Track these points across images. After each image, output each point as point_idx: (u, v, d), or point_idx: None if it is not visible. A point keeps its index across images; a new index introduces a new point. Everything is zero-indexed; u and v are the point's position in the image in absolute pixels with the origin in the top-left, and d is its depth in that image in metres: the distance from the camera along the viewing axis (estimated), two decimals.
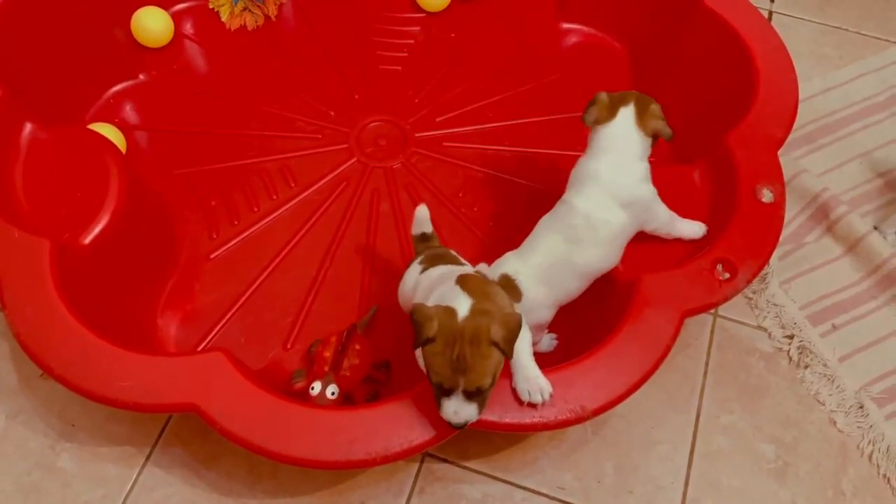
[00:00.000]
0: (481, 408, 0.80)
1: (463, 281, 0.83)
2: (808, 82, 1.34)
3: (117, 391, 0.84)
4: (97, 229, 0.98)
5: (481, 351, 0.77)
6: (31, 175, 1.03)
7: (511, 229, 1.18)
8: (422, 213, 1.01)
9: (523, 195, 1.25)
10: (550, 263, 0.97)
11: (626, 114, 0.98)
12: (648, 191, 0.99)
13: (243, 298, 1.13)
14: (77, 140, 1.07)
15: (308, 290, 1.14)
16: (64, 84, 1.21)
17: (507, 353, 0.79)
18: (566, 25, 1.43)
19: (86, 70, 1.25)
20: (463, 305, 0.79)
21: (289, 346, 1.09)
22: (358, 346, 1.03)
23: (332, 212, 1.22)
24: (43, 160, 1.04)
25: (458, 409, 0.79)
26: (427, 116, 1.33)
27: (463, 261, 0.98)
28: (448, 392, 0.79)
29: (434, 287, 0.86)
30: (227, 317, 1.11)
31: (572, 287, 1.00)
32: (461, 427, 0.80)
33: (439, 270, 0.91)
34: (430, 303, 0.82)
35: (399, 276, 1.16)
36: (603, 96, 1.00)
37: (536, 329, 1.01)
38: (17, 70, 1.09)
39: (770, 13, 1.44)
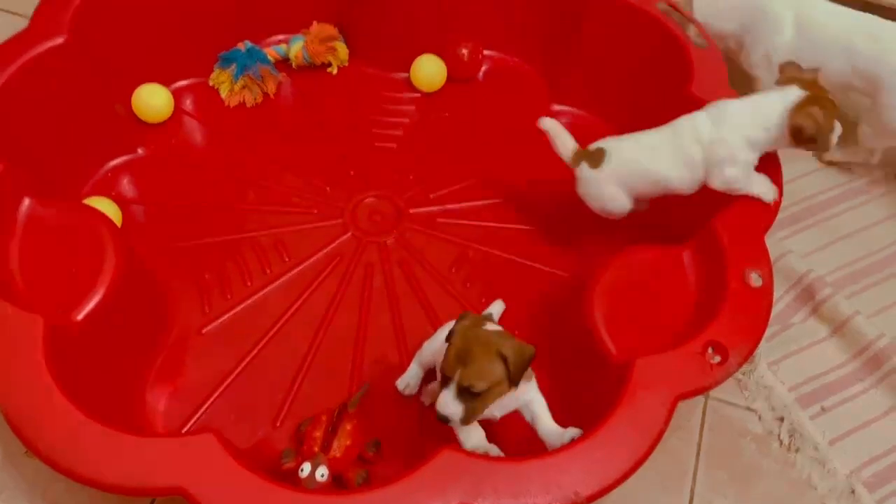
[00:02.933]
0: (467, 415, 0.86)
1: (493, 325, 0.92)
2: (791, 165, 1.37)
3: (103, 473, 0.82)
4: (90, 306, 0.98)
5: (488, 355, 0.85)
6: (27, 250, 1.03)
7: (504, 303, 1.19)
8: (496, 307, 1.17)
9: (514, 271, 1.27)
10: (634, 150, 1.13)
11: (791, 94, 1.04)
12: (744, 157, 1.06)
13: (234, 374, 1.13)
14: (74, 215, 1.07)
15: (299, 366, 1.14)
16: (64, 158, 1.22)
17: (512, 375, 0.85)
18: (557, 107, 1.48)
19: (86, 145, 1.27)
20: (490, 326, 0.90)
21: (278, 424, 1.08)
22: (349, 426, 1.02)
23: (326, 286, 1.23)
24: (39, 235, 1.05)
25: (446, 401, 0.86)
26: (421, 193, 1.35)
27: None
28: (447, 382, 0.86)
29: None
30: (217, 393, 1.11)
31: (640, 184, 1.15)
32: (444, 420, 0.87)
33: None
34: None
35: (391, 352, 1.17)
36: (806, 74, 1.07)
37: (606, 213, 1.19)
38: (18, 144, 1.11)
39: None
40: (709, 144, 1.08)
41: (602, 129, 1.44)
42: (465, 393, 0.86)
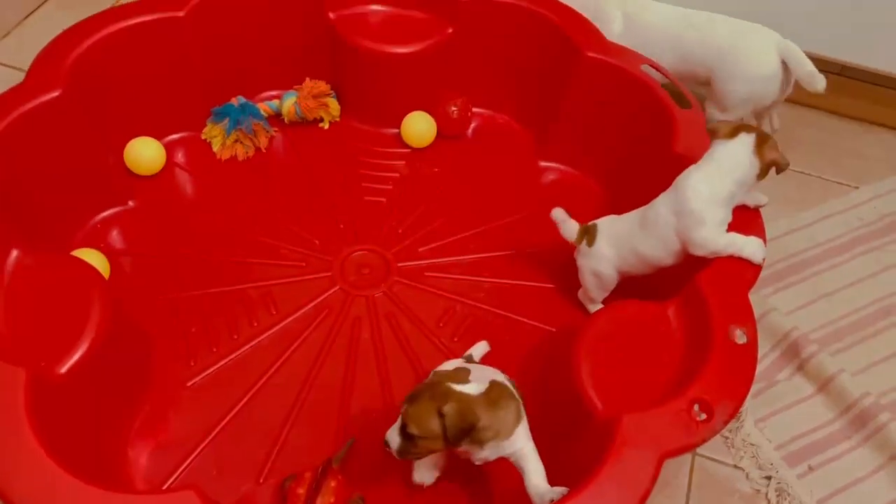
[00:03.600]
0: (400, 450, 0.93)
1: (492, 385, 0.94)
2: (774, 223, 1.40)
3: None
4: (74, 358, 0.97)
5: (429, 406, 0.89)
6: (12, 301, 1.02)
7: (490, 359, 1.19)
8: (479, 349, 1.19)
9: (502, 325, 1.27)
10: (622, 236, 1.17)
11: (747, 139, 1.08)
12: (712, 217, 1.09)
13: (218, 429, 1.11)
14: (61, 267, 1.07)
15: (284, 420, 1.13)
16: (54, 209, 1.23)
17: (449, 436, 0.89)
18: (544, 164, 1.50)
19: (77, 196, 1.28)
20: (466, 388, 0.92)
21: (262, 480, 1.07)
22: (333, 483, 1.00)
23: (313, 340, 1.23)
24: (26, 286, 1.04)
25: (392, 430, 0.94)
26: (410, 247, 1.36)
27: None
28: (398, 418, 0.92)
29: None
30: (201, 447, 1.09)
31: (631, 263, 1.18)
32: (385, 444, 0.94)
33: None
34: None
35: (378, 406, 1.16)
36: (734, 122, 1.12)
37: (600, 282, 1.21)
38: (9, 195, 1.11)
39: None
40: (677, 218, 1.11)
41: (589, 185, 1.47)
42: (404, 430, 0.91)
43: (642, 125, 1.33)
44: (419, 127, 1.50)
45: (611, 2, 1.49)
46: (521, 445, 0.95)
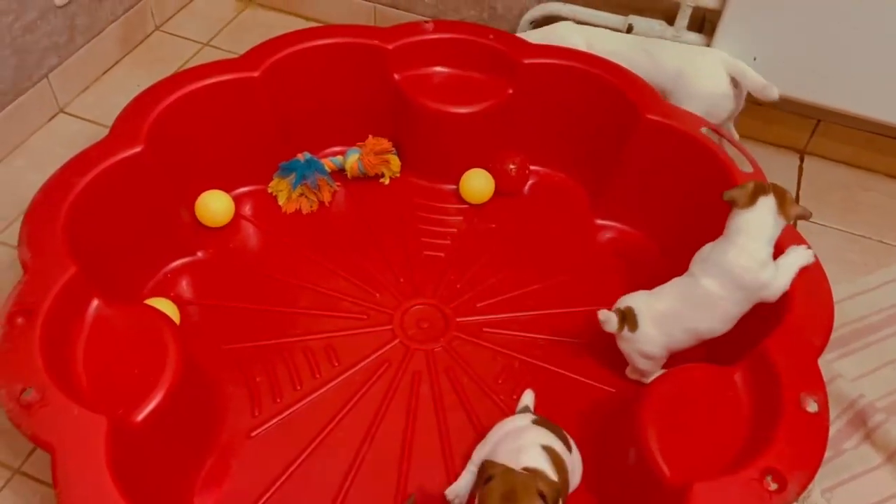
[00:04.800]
0: None
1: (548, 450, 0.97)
2: (835, 287, 1.37)
3: None
4: (151, 406, 0.99)
5: (529, 493, 0.88)
6: (92, 349, 1.06)
7: (549, 416, 1.18)
8: (527, 398, 1.19)
9: (560, 384, 1.27)
10: (668, 315, 1.16)
11: (767, 203, 1.11)
12: (768, 274, 1.12)
13: (280, 481, 1.12)
14: (137, 316, 1.11)
15: (345, 474, 1.14)
16: (129, 260, 1.27)
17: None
18: (601, 222, 1.52)
19: (150, 247, 1.32)
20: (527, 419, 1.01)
21: None
22: None
23: (373, 392, 1.24)
24: (104, 335, 1.08)
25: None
26: (468, 302, 1.38)
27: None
28: None
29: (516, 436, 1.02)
30: (264, 499, 1.10)
31: (681, 339, 1.17)
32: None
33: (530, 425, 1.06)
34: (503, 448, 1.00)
35: (438, 461, 1.17)
36: (749, 185, 1.14)
37: (651, 361, 1.20)
38: (90, 248, 1.16)
39: (795, 221, 1.52)
40: (745, 293, 1.13)
41: (646, 244, 1.47)
42: None
43: (701, 186, 1.34)
44: (477, 184, 1.53)
45: (573, 31, 1.57)
46: None
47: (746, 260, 1.11)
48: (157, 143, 1.28)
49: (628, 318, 1.17)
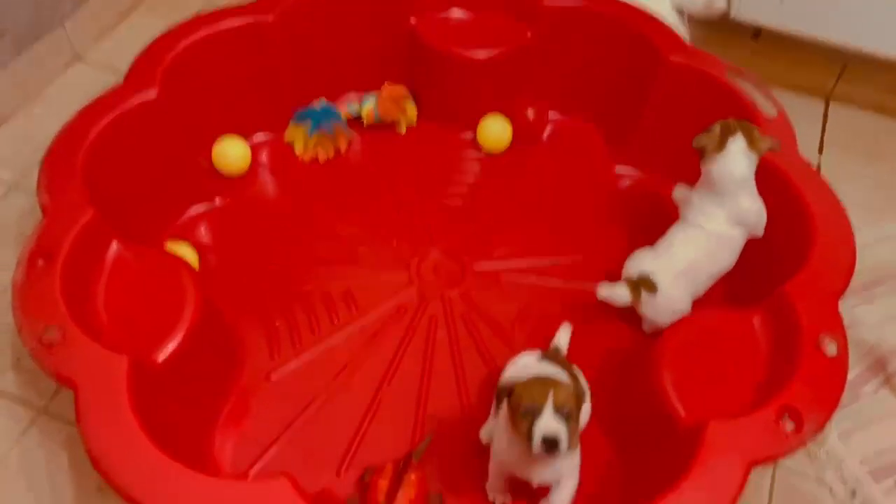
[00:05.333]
0: (569, 436, 0.84)
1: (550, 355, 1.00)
2: (858, 233, 1.35)
3: None
4: (171, 347, 1.01)
5: (562, 384, 0.87)
6: (112, 292, 1.07)
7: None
8: (563, 334, 1.18)
9: (576, 331, 1.26)
10: (689, 270, 1.17)
11: (736, 143, 1.13)
12: (759, 205, 1.17)
13: (300, 421, 1.14)
14: (157, 260, 1.12)
15: (363, 415, 1.15)
16: (148, 206, 1.28)
17: (576, 409, 0.87)
18: (621, 168, 1.50)
19: (168, 193, 1.33)
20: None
21: (342, 472, 1.09)
22: (413, 477, 1.02)
23: (391, 338, 1.25)
24: (124, 278, 1.09)
25: (549, 424, 0.83)
26: (485, 250, 1.37)
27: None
28: (539, 411, 0.84)
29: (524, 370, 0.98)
30: (284, 439, 1.12)
31: (706, 284, 1.20)
32: (554, 447, 0.83)
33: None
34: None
35: (454, 404, 1.18)
36: (716, 128, 1.15)
37: (675, 315, 1.17)
38: (108, 193, 1.16)
39: (818, 166, 1.50)
40: (744, 220, 1.17)
41: (666, 191, 1.44)
42: (559, 412, 0.85)
43: None
44: (495, 131, 1.51)
45: None
46: (577, 461, 0.97)
47: (741, 200, 1.16)
48: (171, 89, 1.27)
49: (645, 284, 1.16)
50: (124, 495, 0.85)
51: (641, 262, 1.19)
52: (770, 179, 1.19)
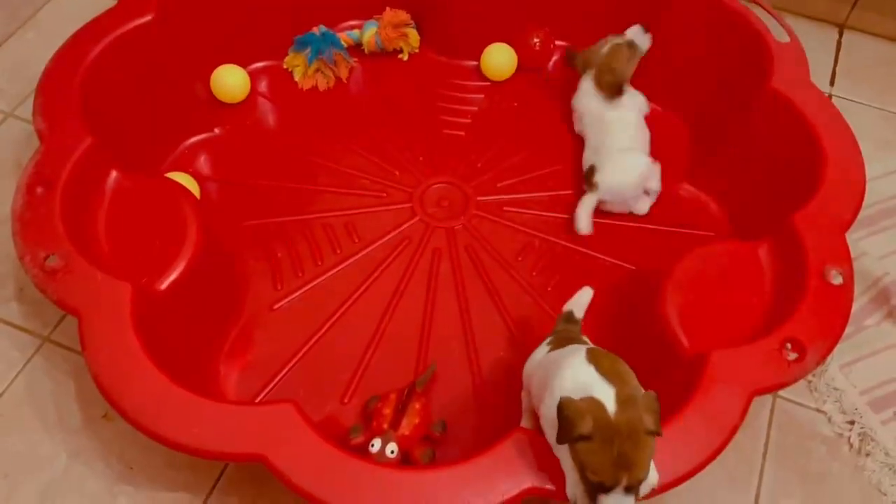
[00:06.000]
0: (637, 497, 0.77)
1: (596, 360, 0.82)
2: (868, 166, 1.33)
3: (188, 437, 0.85)
4: (173, 276, 1.00)
5: (641, 444, 0.75)
6: (113, 221, 1.06)
7: (568, 294, 1.18)
8: (583, 296, 1.03)
9: (580, 262, 1.27)
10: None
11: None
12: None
13: (303, 351, 1.15)
14: (158, 189, 1.11)
15: (367, 345, 1.16)
16: (146, 134, 1.26)
17: (660, 433, 0.77)
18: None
19: (167, 122, 1.30)
20: (607, 395, 0.77)
21: (346, 401, 1.10)
22: (417, 405, 1.03)
23: (394, 268, 1.24)
24: (124, 206, 1.08)
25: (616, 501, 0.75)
26: (488, 181, 1.36)
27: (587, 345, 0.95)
28: (608, 489, 0.75)
29: (558, 365, 0.85)
30: (287, 368, 1.13)
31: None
32: None
33: (564, 349, 0.91)
34: (557, 382, 0.81)
35: (457, 335, 1.18)
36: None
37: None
38: (106, 120, 1.14)
39: (829, 96, 1.47)
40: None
41: (673, 121, 1.42)
42: (632, 487, 0.76)
43: (736, 60, 1.29)
44: (499, 59, 1.48)
45: None
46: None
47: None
48: (168, 12, 1.24)
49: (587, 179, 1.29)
50: (130, 420, 0.86)
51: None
52: (780, 109, 1.17)
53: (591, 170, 1.28)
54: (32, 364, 1.12)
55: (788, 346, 0.93)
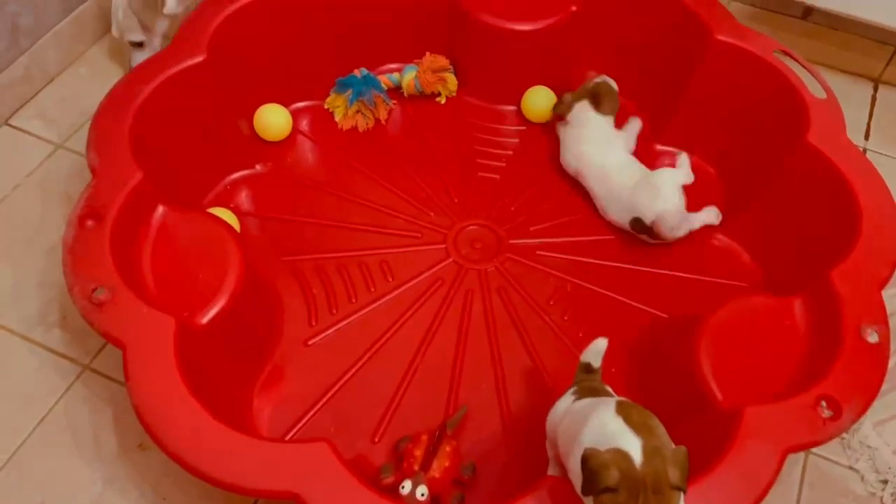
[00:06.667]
0: None
1: (625, 412, 0.82)
2: None
3: (224, 472, 0.86)
4: (215, 310, 1.03)
5: (666, 498, 0.74)
6: (157, 254, 1.09)
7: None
8: (598, 345, 1.01)
9: (612, 308, 1.27)
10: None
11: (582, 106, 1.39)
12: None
13: (336, 388, 1.16)
14: (202, 223, 1.13)
15: (398, 384, 1.17)
16: (190, 170, 1.29)
17: (685, 490, 0.76)
18: (660, 147, 1.48)
19: (210, 158, 1.34)
20: (634, 446, 0.77)
21: (376, 440, 1.11)
22: (448, 448, 1.04)
23: (426, 309, 1.26)
24: (169, 241, 1.11)
25: None
26: (522, 224, 1.37)
27: (616, 397, 0.95)
28: None
29: (586, 416, 0.85)
30: (320, 405, 1.14)
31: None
32: None
33: (590, 401, 0.91)
34: (584, 433, 0.82)
35: (487, 376, 1.19)
36: (567, 97, 1.42)
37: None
38: (154, 156, 1.17)
39: (864, 151, 1.47)
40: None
41: (706, 170, 1.43)
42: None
43: (771, 114, 1.30)
44: (541, 102, 1.50)
45: None
46: None
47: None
48: (218, 54, 1.28)
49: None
50: (170, 453, 0.88)
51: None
52: (816, 163, 1.18)
53: (638, 222, 1.29)
54: (73, 391, 1.15)
55: (823, 403, 0.93)
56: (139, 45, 1.47)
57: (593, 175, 1.36)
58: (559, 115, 1.41)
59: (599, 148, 1.37)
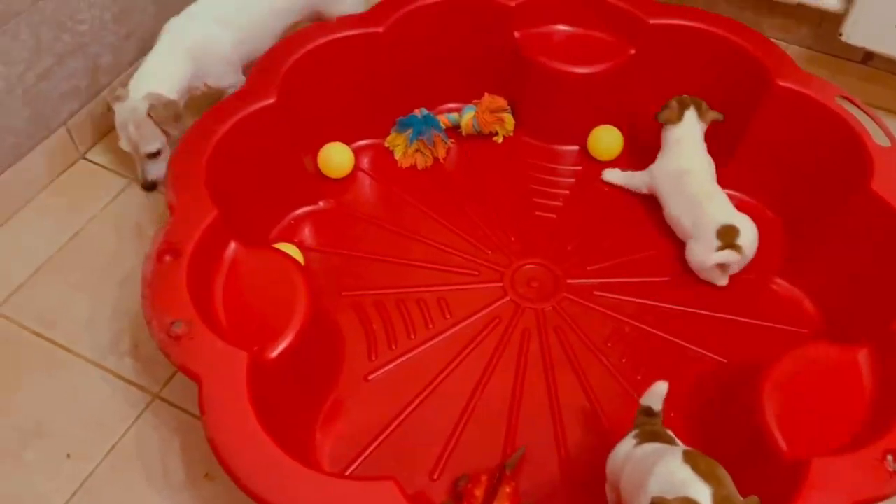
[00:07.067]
0: None
1: (693, 461, 0.83)
2: None
3: None
4: (284, 344, 1.06)
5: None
6: (229, 289, 1.13)
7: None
8: (659, 389, 1.00)
9: (670, 351, 1.27)
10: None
11: (692, 114, 1.40)
12: None
13: (395, 423, 1.18)
14: (272, 259, 1.17)
15: (457, 421, 1.18)
16: (258, 206, 1.34)
17: None
18: (724, 191, 1.48)
19: (277, 194, 1.38)
20: (704, 495, 0.78)
21: (435, 477, 1.12)
22: (507, 489, 1.05)
23: (484, 347, 1.28)
24: (240, 276, 1.15)
25: None
26: (579, 264, 1.39)
27: (678, 442, 0.96)
28: None
29: (653, 463, 0.86)
30: (379, 440, 1.16)
31: None
32: None
33: (654, 447, 0.93)
34: (651, 481, 0.83)
35: (545, 416, 1.20)
36: (673, 103, 1.40)
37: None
38: (227, 193, 1.22)
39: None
40: None
41: (767, 216, 1.43)
42: None
43: (833, 159, 1.30)
44: (608, 140, 1.53)
45: None
46: None
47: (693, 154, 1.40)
48: (288, 96, 1.33)
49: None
50: (241, 486, 0.90)
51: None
52: (880, 211, 1.17)
53: (731, 231, 1.30)
54: (143, 419, 1.19)
55: (890, 457, 0.92)
56: (155, 155, 1.38)
57: (691, 181, 1.37)
58: (667, 120, 1.41)
59: (704, 154, 1.41)
